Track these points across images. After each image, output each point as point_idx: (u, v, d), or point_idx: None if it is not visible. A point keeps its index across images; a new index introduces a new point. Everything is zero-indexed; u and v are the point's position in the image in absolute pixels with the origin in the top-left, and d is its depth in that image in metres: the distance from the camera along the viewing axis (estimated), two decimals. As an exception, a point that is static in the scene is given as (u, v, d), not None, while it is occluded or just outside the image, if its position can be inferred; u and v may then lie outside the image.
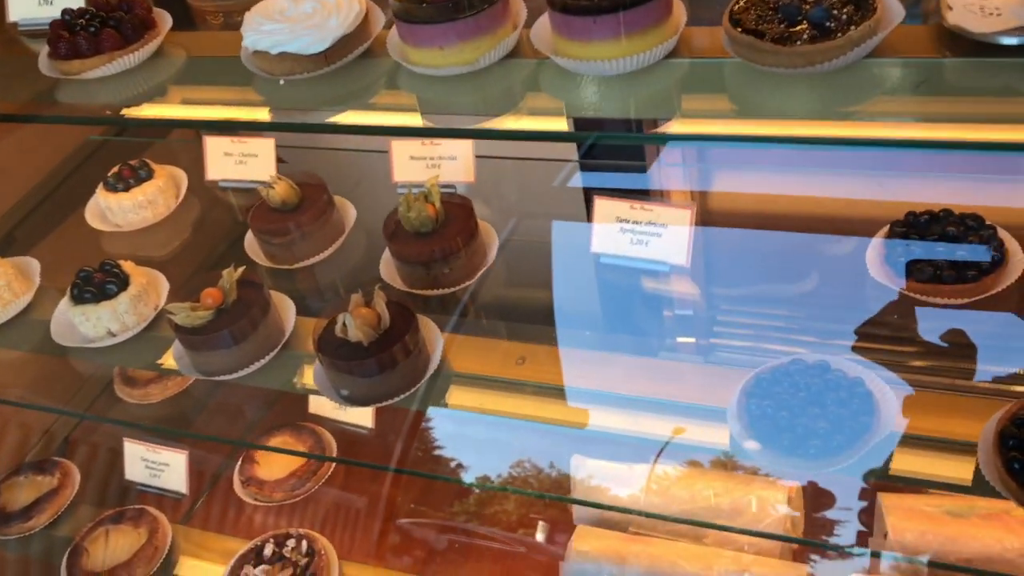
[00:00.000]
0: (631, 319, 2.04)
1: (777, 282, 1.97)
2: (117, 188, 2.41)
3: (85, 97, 1.83)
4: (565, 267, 2.09)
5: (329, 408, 2.49)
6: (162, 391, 2.59)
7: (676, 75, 1.52)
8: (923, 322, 1.74)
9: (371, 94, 1.68)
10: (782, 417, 1.55)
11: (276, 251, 2.18)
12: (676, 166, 2.52)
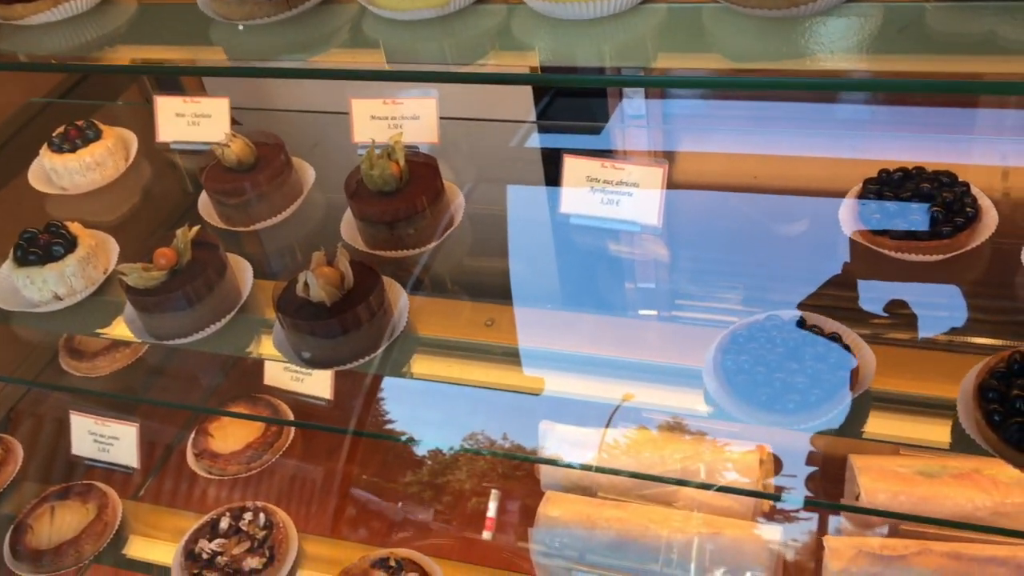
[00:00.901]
0: (601, 280, 1.99)
1: (749, 242, 1.93)
2: (63, 149, 2.30)
3: (29, 45, 1.73)
4: (532, 228, 2.04)
5: (286, 379, 2.41)
6: (110, 363, 2.48)
7: (654, 20, 1.48)
8: (897, 278, 1.72)
9: (335, 40, 1.60)
10: (759, 372, 1.51)
11: (231, 212, 2.09)
12: (639, 126, 2.49)
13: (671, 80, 1.56)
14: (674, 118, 2.50)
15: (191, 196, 2.54)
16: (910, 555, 1.69)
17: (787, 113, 2.12)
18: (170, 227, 2.47)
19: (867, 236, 1.74)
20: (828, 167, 2.00)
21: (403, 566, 2.00)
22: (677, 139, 2.46)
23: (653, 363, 1.73)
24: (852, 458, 1.83)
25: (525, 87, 2.53)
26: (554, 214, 1.95)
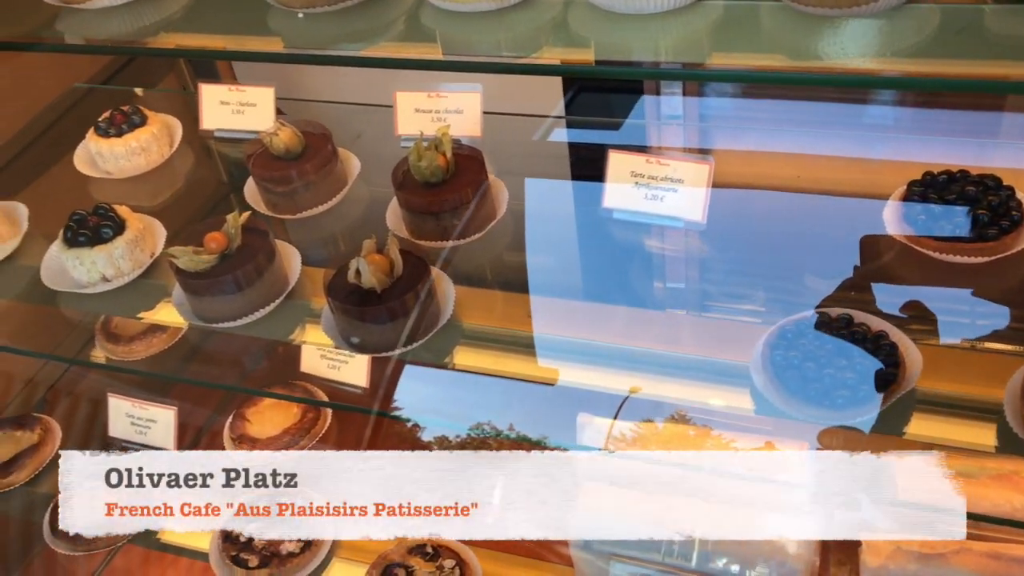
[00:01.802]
0: (643, 275, 2.01)
1: (792, 241, 1.95)
2: (109, 133, 2.33)
3: (90, 28, 1.76)
4: (574, 222, 2.06)
5: (322, 367, 2.43)
6: (146, 348, 2.51)
7: (712, 16, 1.49)
8: (942, 280, 1.73)
9: (392, 30, 1.62)
10: (808, 368, 1.53)
11: (278, 200, 2.12)
12: (676, 124, 2.51)
13: (728, 74, 1.57)
14: (711, 117, 2.52)
15: (233, 183, 2.57)
16: (949, 554, 1.71)
17: (828, 115, 2.14)
18: (210, 214, 2.51)
19: (912, 238, 1.76)
20: (869, 169, 2.01)
21: (440, 552, 2.02)
22: (714, 137, 2.48)
23: (697, 358, 1.75)
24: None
25: (556, 82, 2.56)
26: (597, 209, 1.97)
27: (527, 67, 1.61)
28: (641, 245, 2.00)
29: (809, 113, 2.20)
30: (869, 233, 1.82)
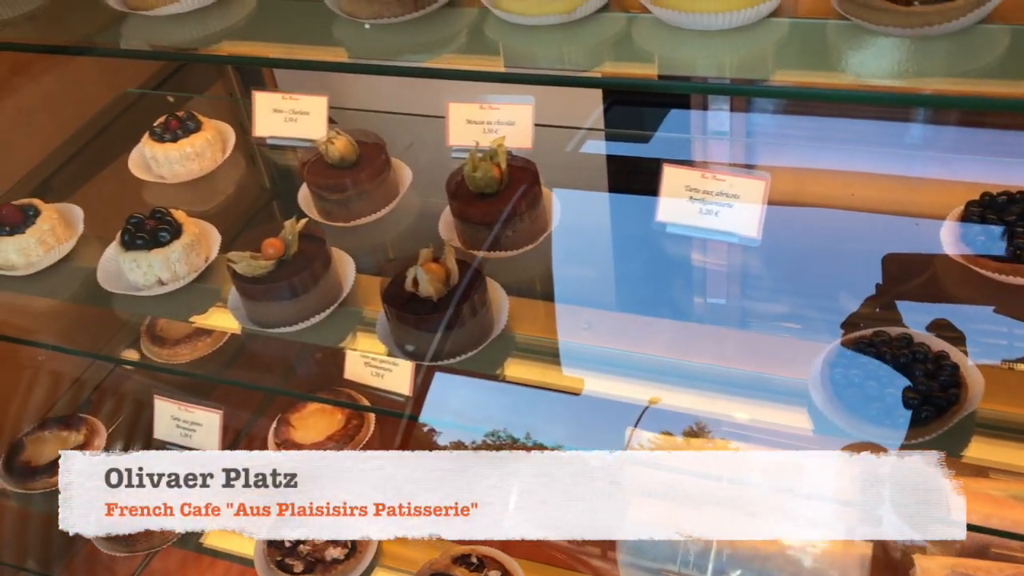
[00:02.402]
0: (697, 290, 2.01)
1: (847, 258, 1.94)
2: (164, 138, 2.36)
3: (157, 34, 1.78)
4: (627, 236, 2.07)
5: (366, 374, 2.44)
6: (191, 352, 2.53)
7: (778, 33, 1.50)
8: (1002, 301, 1.72)
9: (456, 42, 1.64)
10: (870, 387, 1.52)
11: (332, 208, 2.14)
12: (722, 138, 2.51)
13: (794, 92, 1.57)
14: (757, 133, 2.52)
15: (282, 190, 2.60)
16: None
17: (879, 133, 2.14)
18: (258, 219, 2.54)
19: (971, 258, 1.75)
20: (924, 188, 2.01)
21: (485, 563, 2.02)
22: (760, 153, 2.48)
23: (751, 374, 1.75)
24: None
25: (590, 94, 2.56)
26: (649, 222, 1.97)
27: (590, 80, 1.63)
28: (692, 259, 2.00)
29: (859, 131, 2.20)
30: (927, 253, 1.82)
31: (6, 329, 2.32)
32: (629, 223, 2.09)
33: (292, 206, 2.35)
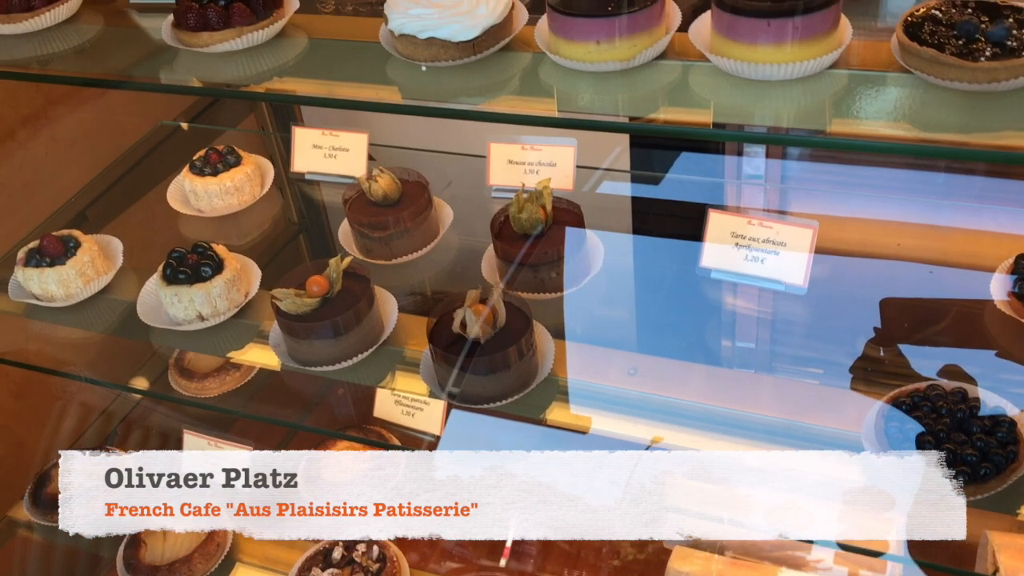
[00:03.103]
0: (743, 337, 2.00)
1: (897, 308, 1.93)
2: (204, 172, 2.36)
3: (210, 71, 1.78)
4: (671, 280, 2.06)
5: (396, 413, 2.43)
6: (219, 385, 2.51)
7: (838, 85, 1.50)
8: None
9: (515, 85, 1.64)
10: (927, 442, 1.51)
11: (373, 245, 2.14)
12: (756, 183, 2.51)
13: (852, 144, 1.57)
14: (791, 179, 2.51)
15: (319, 225, 2.60)
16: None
17: (926, 183, 2.13)
18: (283, 253, 2.53)
19: (1021, 310, 1.74)
20: (973, 240, 2.00)
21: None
22: (797, 200, 2.48)
23: (802, 424, 1.73)
24: (990, 534, 1.80)
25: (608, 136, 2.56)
26: (694, 267, 1.97)
27: (647, 128, 1.63)
28: (737, 305, 1.99)
29: (903, 180, 2.19)
30: (978, 305, 1.81)
31: (39, 360, 2.32)
32: (673, 267, 2.08)
33: (329, 242, 2.35)
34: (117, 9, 2.03)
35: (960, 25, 1.40)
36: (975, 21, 1.40)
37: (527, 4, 1.76)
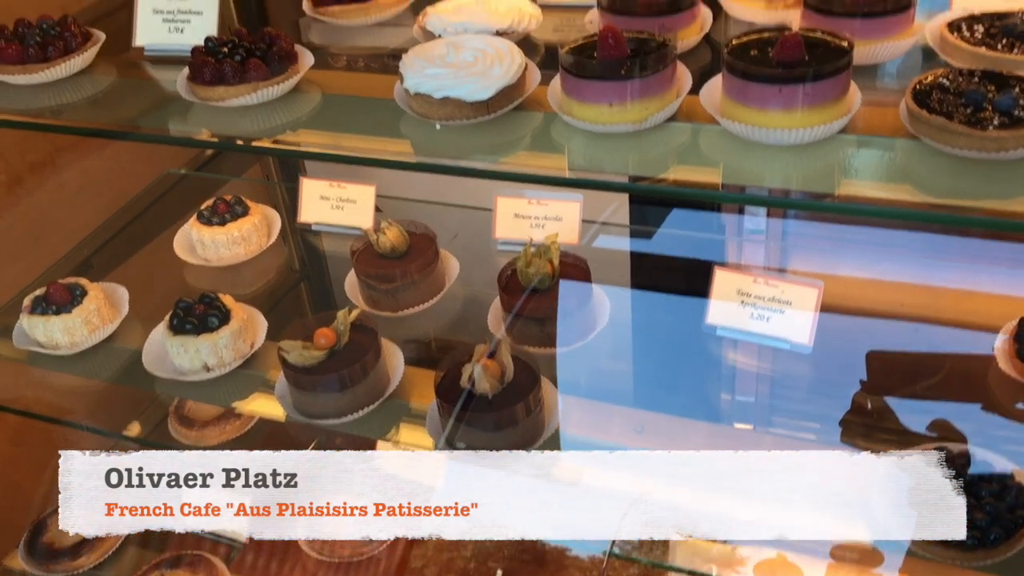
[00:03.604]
0: (744, 394, 2.00)
1: (898, 369, 1.95)
2: (212, 221, 2.38)
3: (224, 124, 1.80)
4: (677, 337, 2.07)
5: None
6: (219, 434, 2.49)
7: (848, 149, 1.52)
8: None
9: (527, 144, 1.66)
10: (936, 505, 1.51)
11: (379, 297, 2.14)
12: (758, 241, 2.53)
13: (859, 209, 1.59)
14: (793, 236, 2.54)
15: (321, 276, 2.61)
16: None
17: (928, 243, 2.15)
18: (284, 303, 2.53)
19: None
20: (975, 301, 2.02)
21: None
22: (796, 257, 2.50)
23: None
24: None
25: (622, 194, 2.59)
26: (699, 324, 1.98)
27: (656, 189, 1.65)
28: (743, 363, 2.00)
29: (905, 241, 2.21)
30: (981, 366, 1.82)
31: (39, 407, 2.31)
32: (679, 324, 2.09)
33: (334, 293, 2.35)
34: (131, 60, 2.05)
35: (968, 94, 1.43)
36: (982, 90, 1.43)
37: (539, 61, 1.79)
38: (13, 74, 1.91)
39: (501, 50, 1.68)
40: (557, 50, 1.61)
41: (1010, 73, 1.46)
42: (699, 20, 1.84)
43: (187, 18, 2.02)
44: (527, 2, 1.96)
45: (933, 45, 1.66)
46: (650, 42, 1.60)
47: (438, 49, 1.71)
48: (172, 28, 2.03)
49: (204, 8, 2.01)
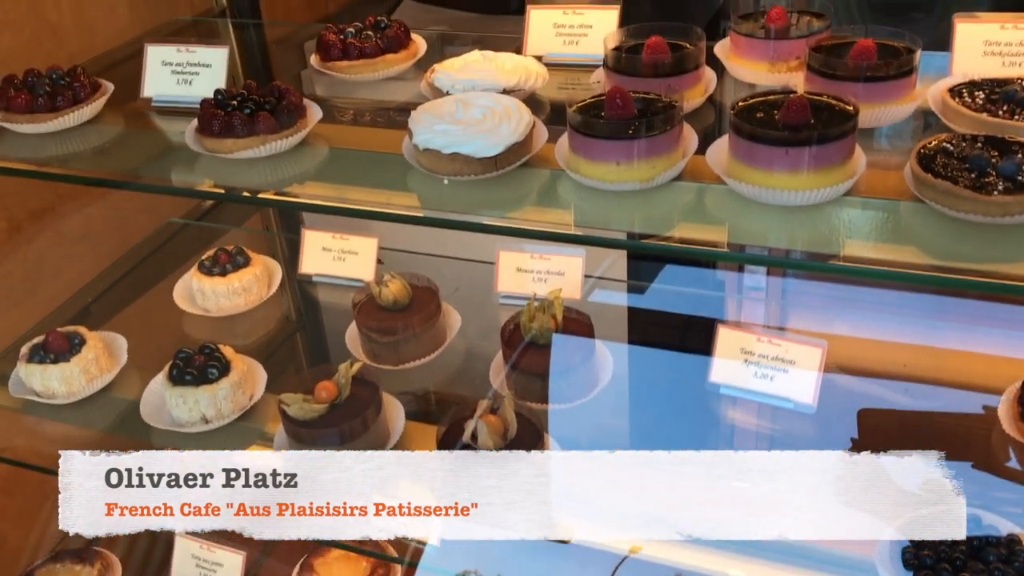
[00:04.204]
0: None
1: (902, 430, 1.94)
2: (213, 272, 2.37)
3: (232, 176, 1.81)
4: (679, 393, 2.06)
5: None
6: (214, 486, 2.47)
7: (853, 211, 1.54)
8: (1064, 483, 1.72)
9: (534, 201, 1.67)
10: (943, 570, 1.49)
11: (380, 350, 2.14)
12: (757, 299, 2.54)
13: (859, 271, 1.59)
14: (793, 293, 2.55)
15: (326, 328, 2.60)
16: None
17: (929, 305, 2.16)
18: (277, 354, 2.52)
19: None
20: (977, 362, 2.02)
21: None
22: (796, 315, 2.50)
23: (814, 547, 1.71)
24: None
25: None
26: (703, 382, 1.98)
27: (661, 248, 1.66)
28: (746, 422, 1.99)
29: (905, 301, 2.22)
30: (984, 428, 1.82)
31: (32, 457, 2.28)
32: (681, 381, 2.09)
33: (334, 344, 2.34)
34: (139, 111, 2.07)
35: (972, 159, 1.45)
36: (986, 155, 1.45)
37: (544, 118, 1.81)
38: (21, 123, 1.92)
39: (509, 108, 1.70)
40: (563, 107, 1.63)
41: (1012, 139, 1.49)
42: (703, 81, 1.86)
43: (196, 70, 2.04)
44: (533, 60, 1.98)
45: (935, 110, 1.69)
46: (657, 102, 1.62)
47: (447, 106, 1.73)
48: (181, 80, 2.05)
49: (213, 61, 2.04)
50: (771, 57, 1.87)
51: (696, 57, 1.82)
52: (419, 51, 2.15)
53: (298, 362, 2.52)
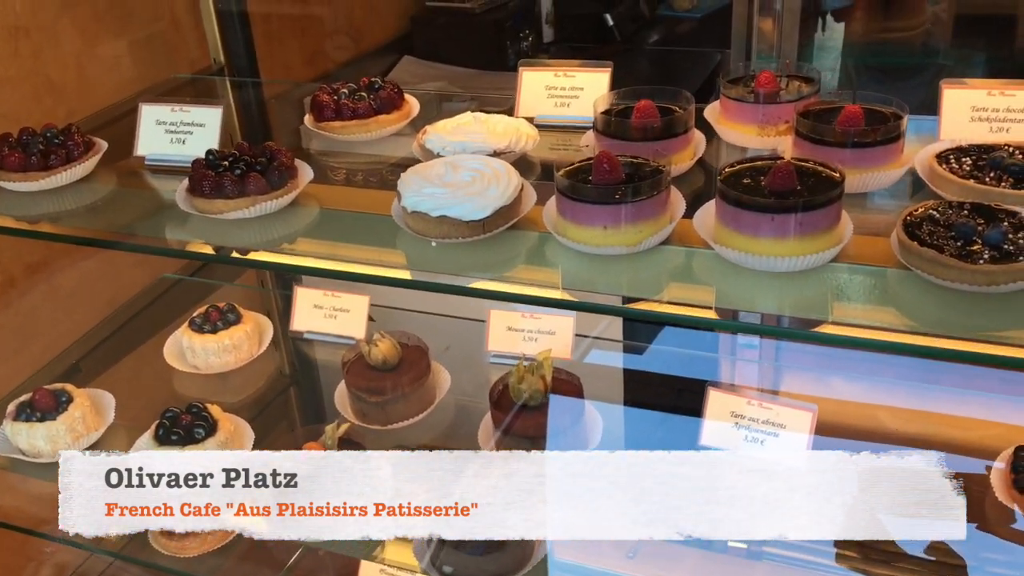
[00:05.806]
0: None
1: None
2: (204, 329, 2.37)
3: (222, 236, 1.82)
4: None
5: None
6: (200, 545, 2.42)
7: (839, 277, 1.53)
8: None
9: (521, 264, 1.67)
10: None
11: (369, 410, 2.12)
12: (751, 360, 2.52)
13: (849, 340, 1.59)
14: (787, 356, 2.53)
15: (315, 386, 2.59)
16: None
17: (922, 367, 2.15)
18: (266, 410, 2.50)
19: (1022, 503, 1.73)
20: (969, 428, 2.00)
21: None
22: (791, 378, 2.49)
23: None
24: None
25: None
26: (692, 445, 1.96)
27: (647, 313, 1.65)
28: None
29: (896, 365, 2.21)
30: (977, 495, 1.79)
31: (16, 516, 2.25)
32: (672, 444, 2.06)
33: (324, 402, 2.33)
34: (131, 169, 2.08)
35: (958, 227, 1.45)
36: (972, 223, 1.45)
37: (534, 178, 1.82)
38: (14, 180, 1.93)
39: (498, 171, 1.70)
40: (552, 168, 1.64)
41: (998, 206, 1.49)
42: (692, 145, 1.87)
43: (189, 130, 2.06)
44: (524, 122, 2.00)
45: (922, 175, 1.69)
46: (644, 167, 1.63)
47: (436, 168, 1.73)
48: (174, 139, 2.06)
49: (207, 121, 2.05)
50: (760, 121, 1.88)
51: (685, 121, 1.83)
52: (412, 112, 2.17)
53: (289, 419, 2.50)
